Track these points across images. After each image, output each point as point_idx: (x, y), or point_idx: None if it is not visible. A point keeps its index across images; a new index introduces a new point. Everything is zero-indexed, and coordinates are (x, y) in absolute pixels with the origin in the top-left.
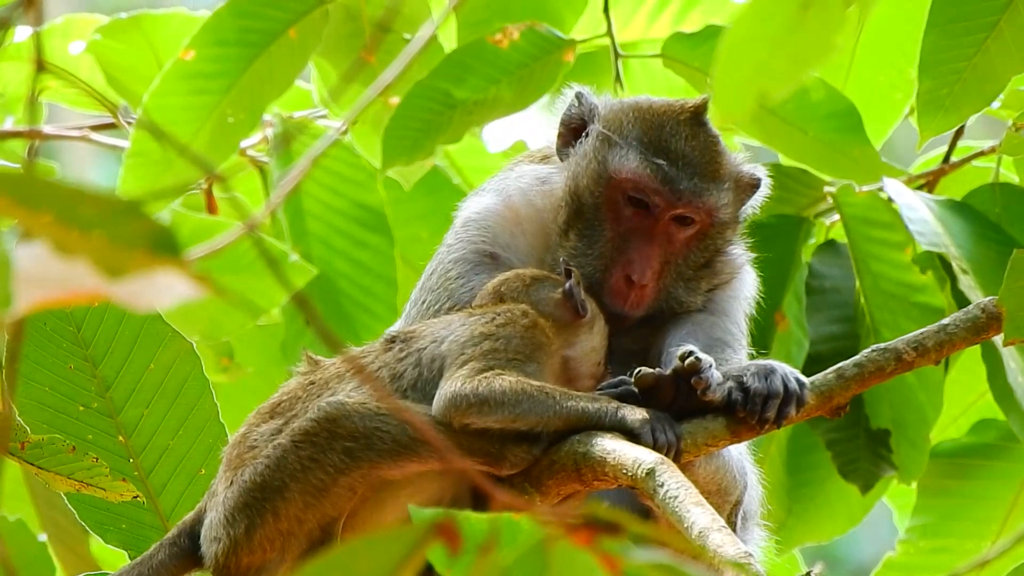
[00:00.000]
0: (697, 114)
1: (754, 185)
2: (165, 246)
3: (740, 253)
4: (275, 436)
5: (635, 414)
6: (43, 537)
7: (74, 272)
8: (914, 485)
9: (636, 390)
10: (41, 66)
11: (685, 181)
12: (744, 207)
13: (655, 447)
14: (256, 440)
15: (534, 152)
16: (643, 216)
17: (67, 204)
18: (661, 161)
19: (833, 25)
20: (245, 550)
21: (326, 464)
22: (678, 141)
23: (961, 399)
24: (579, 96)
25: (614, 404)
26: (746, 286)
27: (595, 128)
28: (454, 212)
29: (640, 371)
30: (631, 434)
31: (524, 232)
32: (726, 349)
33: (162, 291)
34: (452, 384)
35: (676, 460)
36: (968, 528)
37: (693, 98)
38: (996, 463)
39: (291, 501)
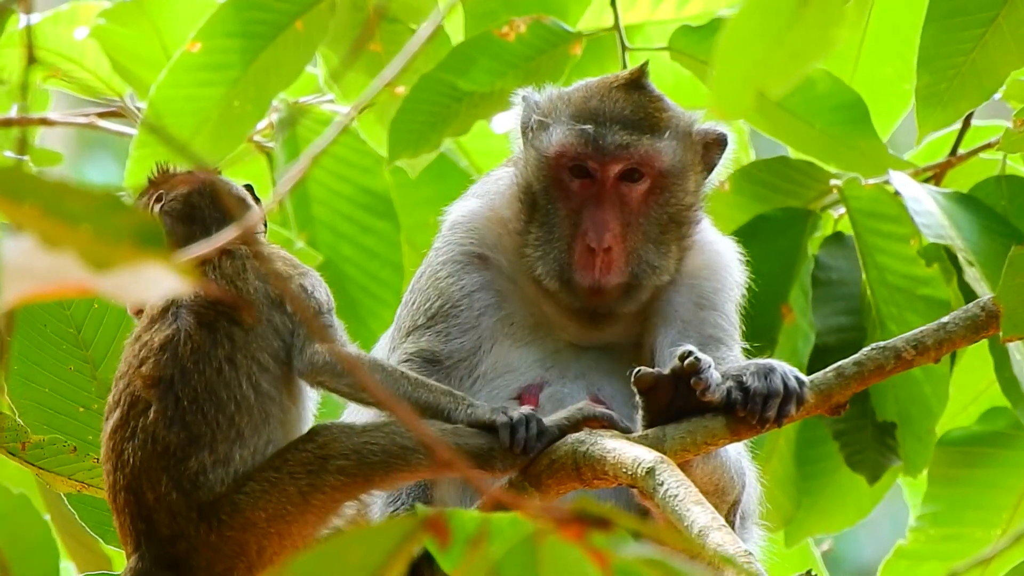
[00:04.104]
0: (634, 80)
1: (718, 141)
2: (152, 239)
3: (703, 217)
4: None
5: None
6: (48, 516)
7: (61, 265)
8: (920, 476)
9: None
10: (32, 58)
11: (610, 136)
12: (712, 164)
13: (511, 441)
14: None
15: (517, 157)
16: (589, 185)
17: (54, 197)
18: (586, 126)
19: (831, 20)
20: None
21: (324, 487)
22: (607, 105)
23: (971, 387)
24: (523, 98)
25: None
26: (732, 273)
27: (534, 119)
28: (440, 218)
29: (640, 371)
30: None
31: (509, 233)
32: (720, 347)
33: (149, 285)
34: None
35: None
36: (978, 516)
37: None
38: (1006, 451)
39: (295, 524)
